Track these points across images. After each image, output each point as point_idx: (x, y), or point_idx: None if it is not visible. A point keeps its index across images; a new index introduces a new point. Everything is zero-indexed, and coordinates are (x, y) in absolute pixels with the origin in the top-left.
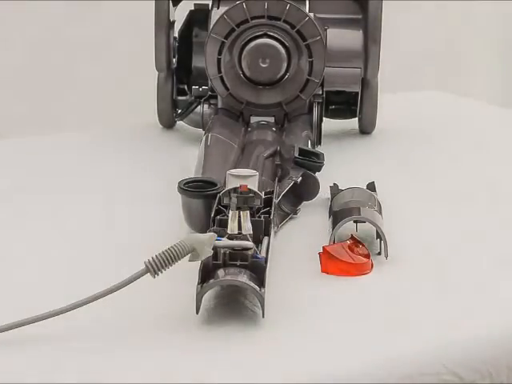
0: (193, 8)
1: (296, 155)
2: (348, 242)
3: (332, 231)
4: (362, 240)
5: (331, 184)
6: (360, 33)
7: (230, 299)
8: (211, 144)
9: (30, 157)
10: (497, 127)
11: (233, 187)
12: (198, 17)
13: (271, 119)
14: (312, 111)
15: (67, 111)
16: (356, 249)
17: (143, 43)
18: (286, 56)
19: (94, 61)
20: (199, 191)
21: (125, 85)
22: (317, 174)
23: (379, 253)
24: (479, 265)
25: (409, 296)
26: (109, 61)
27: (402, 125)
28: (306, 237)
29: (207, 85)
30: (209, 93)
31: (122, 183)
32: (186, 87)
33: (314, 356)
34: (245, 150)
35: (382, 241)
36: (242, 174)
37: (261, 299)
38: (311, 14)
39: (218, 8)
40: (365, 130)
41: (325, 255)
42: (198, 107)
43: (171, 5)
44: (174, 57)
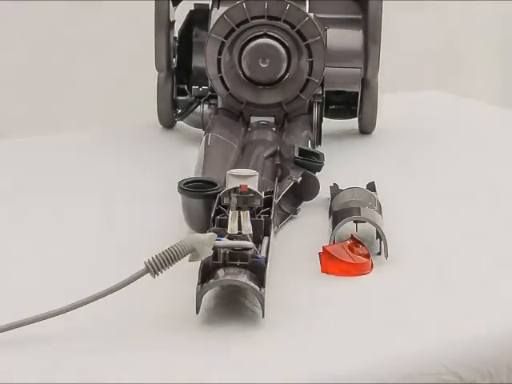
0: (193, 8)
1: (296, 155)
2: (348, 242)
3: (332, 231)
4: (362, 240)
5: (331, 184)
6: (360, 33)
7: (230, 299)
8: (211, 144)
9: (30, 157)
10: (497, 127)
11: (233, 187)
12: (198, 17)
13: (271, 119)
14: (312, 111)
15: (67, 111)
16: (356, 249)
17: (143, 43)
18: (286, 56)
19: (94, 61)
20: (199, 191)
21: (125, 85)
22: (317, 174)
23: (379, 253)
24: (479, 265)
25: (409, 296)
26: (109, 61)
27: (402, 125)
28: (306, 237)
29: (207, 85)
30: (209, 93)
31: (122, 183)
32: (186, 87)
33: (314, 356)
34: (245, 150)
35: (382, 241)
36: (242, 174)
37: (261, 299)
38: (311, 14)
39: (218, 8)
40: (365, 130)
41: (325, 255)
42: (198, 107)
43: (171, 5)
44: (174, 57)
